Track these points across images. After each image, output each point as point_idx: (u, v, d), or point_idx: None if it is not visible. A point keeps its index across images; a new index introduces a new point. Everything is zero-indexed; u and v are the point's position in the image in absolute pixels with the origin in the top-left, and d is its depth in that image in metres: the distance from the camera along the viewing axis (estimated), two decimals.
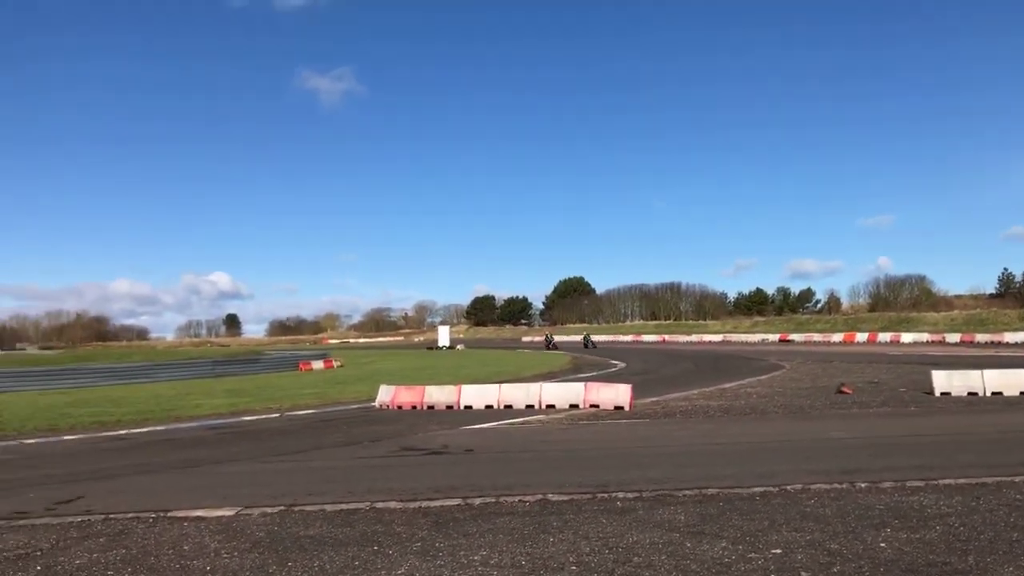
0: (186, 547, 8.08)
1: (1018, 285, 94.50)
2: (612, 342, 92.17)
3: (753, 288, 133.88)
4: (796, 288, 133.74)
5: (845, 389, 23.54)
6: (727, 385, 27.87)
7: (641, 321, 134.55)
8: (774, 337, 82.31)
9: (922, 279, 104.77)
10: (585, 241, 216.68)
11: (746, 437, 15.46)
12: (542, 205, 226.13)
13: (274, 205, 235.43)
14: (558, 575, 6.76)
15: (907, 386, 24.93)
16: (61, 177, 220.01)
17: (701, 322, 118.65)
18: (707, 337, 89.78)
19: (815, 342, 72.88)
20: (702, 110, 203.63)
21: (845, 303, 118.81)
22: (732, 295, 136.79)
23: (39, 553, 7.99)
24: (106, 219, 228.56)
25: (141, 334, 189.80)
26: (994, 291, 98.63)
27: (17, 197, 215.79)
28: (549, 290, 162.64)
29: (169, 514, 9.69)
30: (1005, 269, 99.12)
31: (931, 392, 22.13)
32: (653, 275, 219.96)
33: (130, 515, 9.67)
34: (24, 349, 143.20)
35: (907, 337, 66.74)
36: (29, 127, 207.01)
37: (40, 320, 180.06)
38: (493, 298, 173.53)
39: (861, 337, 71.26)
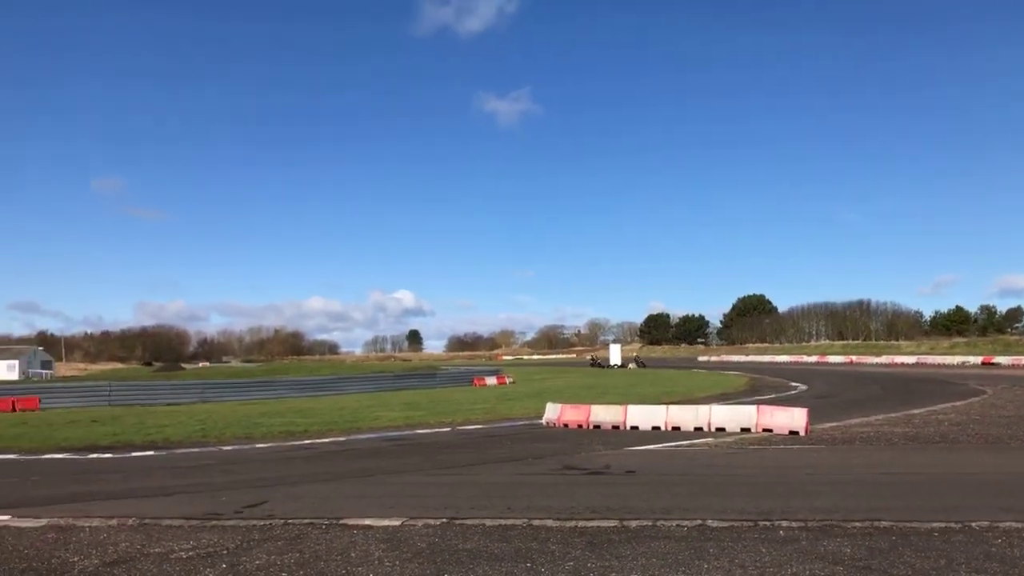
0: (353, 554, 8.56)
1: None
2: (794, 363, 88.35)
3: (953, 307, 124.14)
4: (1004, 307, 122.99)
5: None
6: (916, 411, 25.99)
7: (827, 341, 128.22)
8: (976, 360, 75.76)
9: None
10: (767, 256, 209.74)
11: (930, 468, 14.37)
12: (722, 219, 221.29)
13: (455, 224, 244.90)
14: None
15: None
16: (261, 203, 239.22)
17: (893, 342, 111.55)
18: (899, 359, 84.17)
19: None
20: (903, 114, 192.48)
21: None
22: (928, 314, 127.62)
23: (225, 552, 8.74)
24: (302, 241, 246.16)
25: (332, 349, 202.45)
26: None
27: (225, 222, 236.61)
28: (727, 308, 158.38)
29: (341, 521, 10.29)
30: None
31: None
32: (840, 293, 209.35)
33: (307, 521, 10.36)
34: (229, 362, 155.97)
35: None
36: (230, 154, 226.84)
37: (243, 335, 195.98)
38: (667, 316, 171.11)
39: None
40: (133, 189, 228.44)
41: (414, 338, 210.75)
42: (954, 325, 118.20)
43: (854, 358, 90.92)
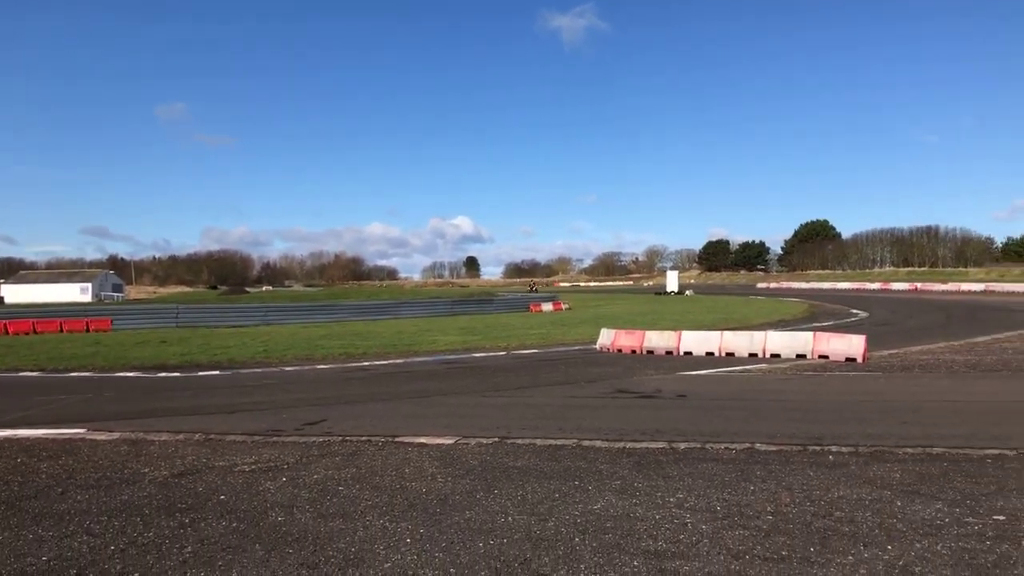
0: (407, 470, 8.87)
1: None
2: (856, 290, 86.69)
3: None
4: None
5: None
6: (980, 339, 25.42)
7: (891, 268, 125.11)
8: None
9: None
10: (833, 181, 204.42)
11: (989, 395, 14.12)
12: (788, 142, 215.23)
13: (516, 150, 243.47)
14: (752, 522, 6.71)
15: None
16: (325, 128, 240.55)
17: (960, 269, 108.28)
18: (966, 286, 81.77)
19: None
20: (980, 28, 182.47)
21: None
22: (1000, 240, 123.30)
23: (286, 466, 9.13)
24: (363, 168, 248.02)
25: (391, 274, 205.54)
26: None
27: (287, 149, 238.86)
28: (789, 234, 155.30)
29: (396, 439, 10.64)
30: None
31: None
32: (909, 218, 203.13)
33: (363, 438, 10.75)
34: (291, 286, 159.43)
35: None
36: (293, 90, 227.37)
37: (304, 260, 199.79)
38: (727, 243, 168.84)
39: None
40: (198, 116, 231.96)
41: (471, 264, 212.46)
42: None
43: (919, 285, 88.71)
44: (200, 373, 19.82)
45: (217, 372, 19.97)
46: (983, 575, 5.46)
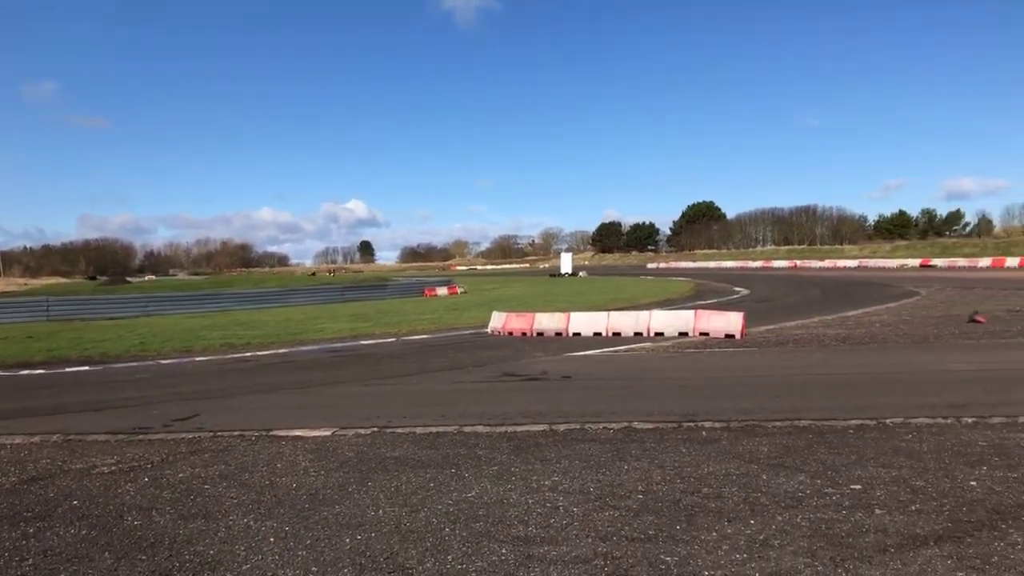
0: (279, 465, 8.56)
1: None
2: (740, 268, 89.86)
3: (896, 211, 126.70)
4: (948, 209, 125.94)
5: (979, 318, 22.06)
6: (851, 313, 26.69)
7: (773, 246, 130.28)
8: (915, 262, 77.88)
9: None
10: (719, 164, 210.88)
11: (857, 367, 14.79)
12: (678, 126, 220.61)
13: (410, 133, 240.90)
14: (623, 502, 6.76)
15: None
16: (209, 112, 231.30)
17: (837, 247, 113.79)
18: (842, 263, 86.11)
19: (960, 268, 68.53)
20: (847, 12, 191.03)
21: (998, 226, 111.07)
22: (872, 219, 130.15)
23: (149, 466, 8.67)
24: (252, 151, 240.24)
25: (282, 261, 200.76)
26: None
27: (170, 132, 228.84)
28: (678, 215, 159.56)
29: (271, 433, 10.28)
30: None
31: None
32: (790, 199, 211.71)
33: (236, 433, 10.33)
34: (176, 275, 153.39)
35: None
36: (183, 64, 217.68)
37: (191, 248, 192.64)
38: (620, 224, 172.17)
39: (1012, 262, 66.43)
40: (69, 96, 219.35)
41: (366, 249, 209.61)
42: (896, 229, 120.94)
43: (798, 262, 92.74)
44: (68, 369, 18.71)
45: (87, 367, 18.89)
46: (837, 544, 5.64)
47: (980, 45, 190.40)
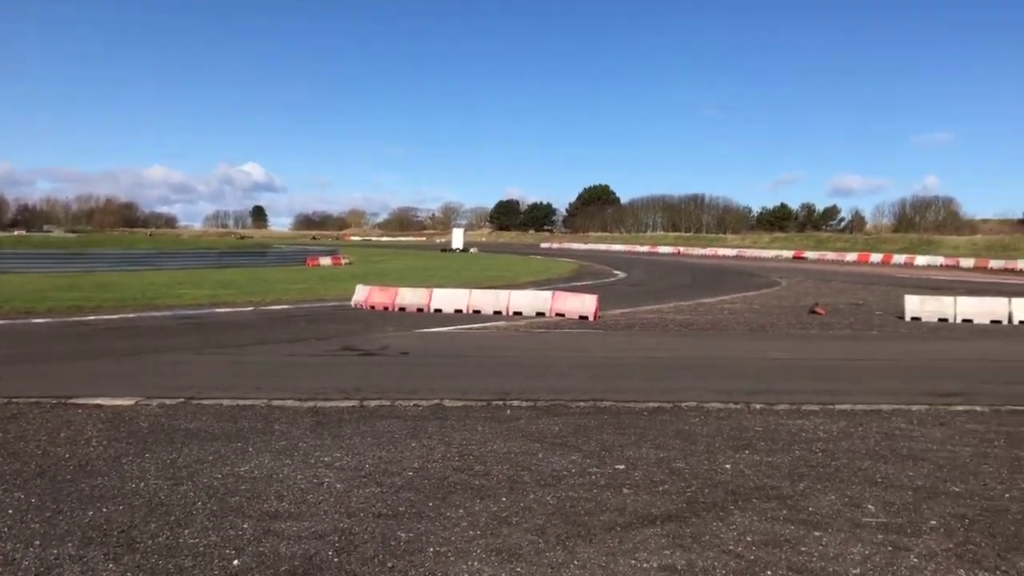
0: (63, 434, 8.29)
1: None
2: (628, 252, 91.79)
3: (778, 203, 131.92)
4: (826, 204, 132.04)
5: (818, 310, 23.32)
6: (708, 300, 27.71)
7: (662, 232, 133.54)
8: (789, 254, 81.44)
9: (949, 201, 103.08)
10: (617, 149, 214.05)
11: (684, 352, 15.41)
12: (579, 107, 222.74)
13: (315, 94, 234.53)
14: (390, 479, 6.86)
15: (886, 309, 24.62)
16: (103, 61, 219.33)
17: (721, 236, 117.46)
18: (723, 251, 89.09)
19: (828, 261, 72.12)
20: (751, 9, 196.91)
21: (870, 223, 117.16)
22: (756, 210, 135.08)
23: None
24: (144, 103, 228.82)
25: (169, 222, 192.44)
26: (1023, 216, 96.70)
27: (47, 73, 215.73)
28: (575, 197, 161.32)
29: (70, 400, 9.92)
30: None
31: (902, 316, 21.89)
32: (683, 186, 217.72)
33: (32, 400, 9.92)
34: (50, 232, 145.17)
35: (921, 260, 65.63)
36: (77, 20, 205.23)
37: (70, 203, 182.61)
38: (518, 203, 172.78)
39: (875, 258, 70.28)
40: None
41: (259, 214, 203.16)
42: (777, 221, 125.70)
43: (682, 249, 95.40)
44: None
45: None
46: (571, 522, 5.88)
47: (883, 47, 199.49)
